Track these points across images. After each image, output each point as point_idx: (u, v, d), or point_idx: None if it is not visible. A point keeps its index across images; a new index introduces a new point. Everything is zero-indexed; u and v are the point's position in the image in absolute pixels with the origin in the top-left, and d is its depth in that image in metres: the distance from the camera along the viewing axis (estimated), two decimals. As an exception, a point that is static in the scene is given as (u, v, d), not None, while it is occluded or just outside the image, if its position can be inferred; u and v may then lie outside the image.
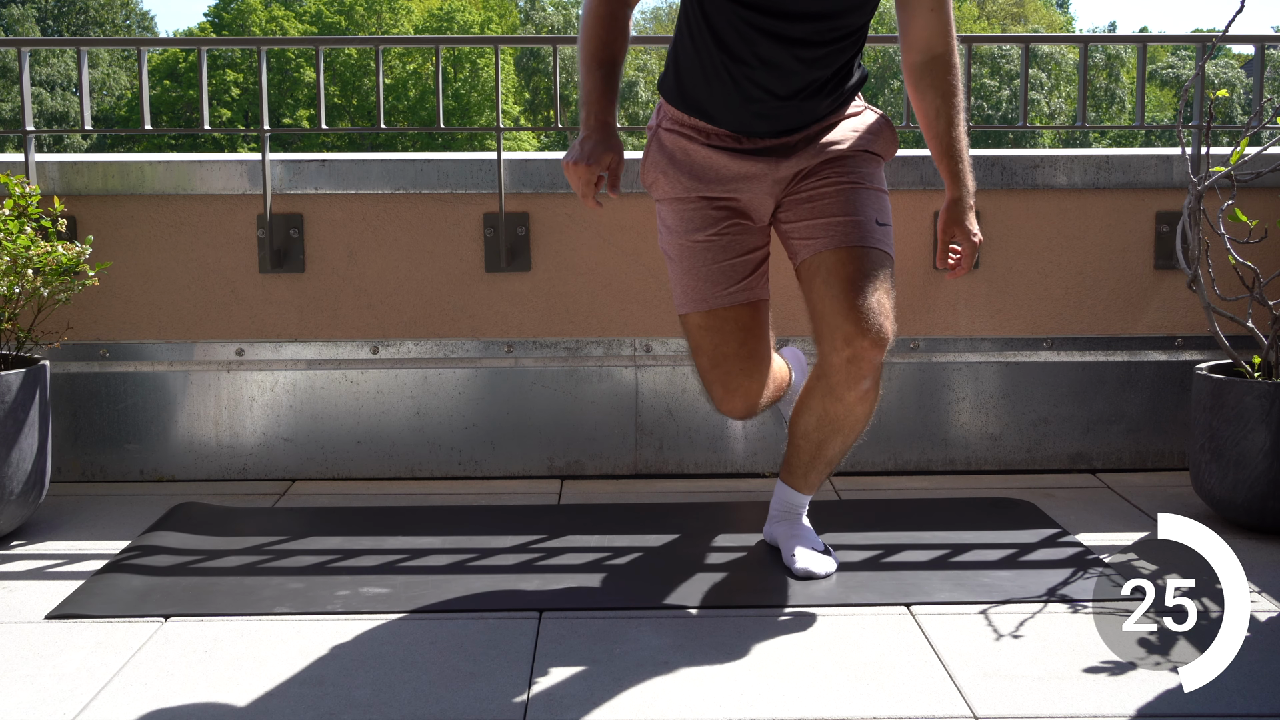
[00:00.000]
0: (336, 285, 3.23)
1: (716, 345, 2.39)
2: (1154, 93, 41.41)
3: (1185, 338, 3.29)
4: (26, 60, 3.13)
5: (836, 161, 2.37)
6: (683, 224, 2.40)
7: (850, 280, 2.25)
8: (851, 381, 2.27)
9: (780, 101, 2.31)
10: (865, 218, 2.32)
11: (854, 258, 2.27)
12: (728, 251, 2.38)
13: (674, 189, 2.40)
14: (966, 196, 2.37)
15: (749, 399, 2.43)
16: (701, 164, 2.37)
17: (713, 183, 2.37)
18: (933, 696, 1.94)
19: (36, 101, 36.53)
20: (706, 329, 2.39)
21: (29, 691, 1.97)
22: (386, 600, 2.34)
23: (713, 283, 2.38)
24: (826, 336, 2.27)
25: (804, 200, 2.36)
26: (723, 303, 2.38)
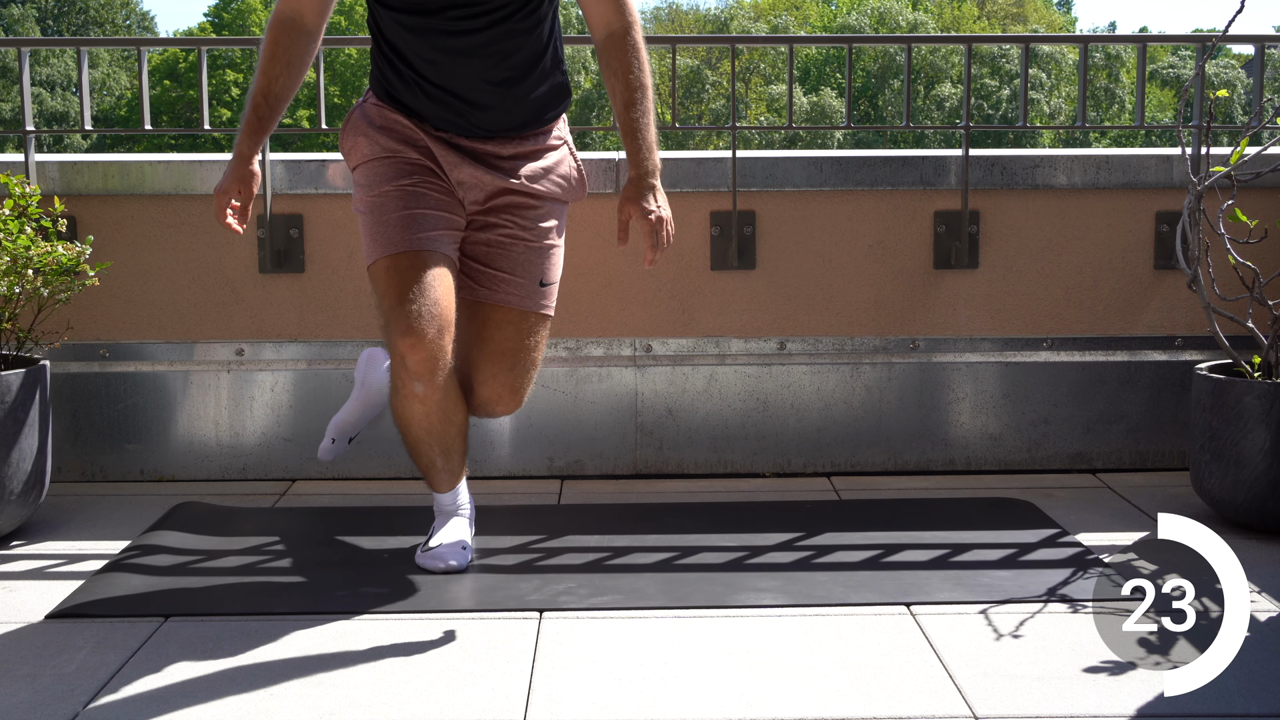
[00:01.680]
0: (336, 285, 3.23)
1: (403, 283, 2.29)
2: (1154, 93, 41.42)
3: (1185, 338, 3.29)
4: (26, 60, 3.13)
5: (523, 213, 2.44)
6: (375, 178, 2.40)
7: (503, 346, 2.43)
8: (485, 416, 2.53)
9: (462, 98, 2.35)
10: (530, 279, 2.45)
11: (510, 322, 2.44)
12: (419, 201, 2.37)
13: (372, 150, 2.41)
14: (646, 176, 2.36)
15: (433, 349, 2.27)
16: (403, 132, 2.40)
17: (408, 145, 2.39)
18: (933, 696, 1.94)
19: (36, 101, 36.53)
20: (393, 269, 2.31)
21: (29, 691, 1.97)
22: (386, 600, 2.34)
23: (400, 227, 2.33)
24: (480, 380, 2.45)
25: (484, 243, 2.44)
26: (408, 246, 2.32)
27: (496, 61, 2.34)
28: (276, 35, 2.36)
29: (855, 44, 3.42)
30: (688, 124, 15.31)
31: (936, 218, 3.25)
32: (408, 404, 2.34)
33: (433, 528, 2.59)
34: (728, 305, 3.24)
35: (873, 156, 3.26)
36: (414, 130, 2.39)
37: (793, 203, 3.24)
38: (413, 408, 2.34)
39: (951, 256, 3.25)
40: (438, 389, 2.31)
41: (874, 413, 3.29)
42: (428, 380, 2.29)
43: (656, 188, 2.37)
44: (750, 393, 3.27)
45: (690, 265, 3.24)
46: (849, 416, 3.29)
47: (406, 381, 2.30)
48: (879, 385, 3.29)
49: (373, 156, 2.40)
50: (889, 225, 3.26)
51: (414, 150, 2.39)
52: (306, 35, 2.37)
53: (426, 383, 2.30)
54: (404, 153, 2.39)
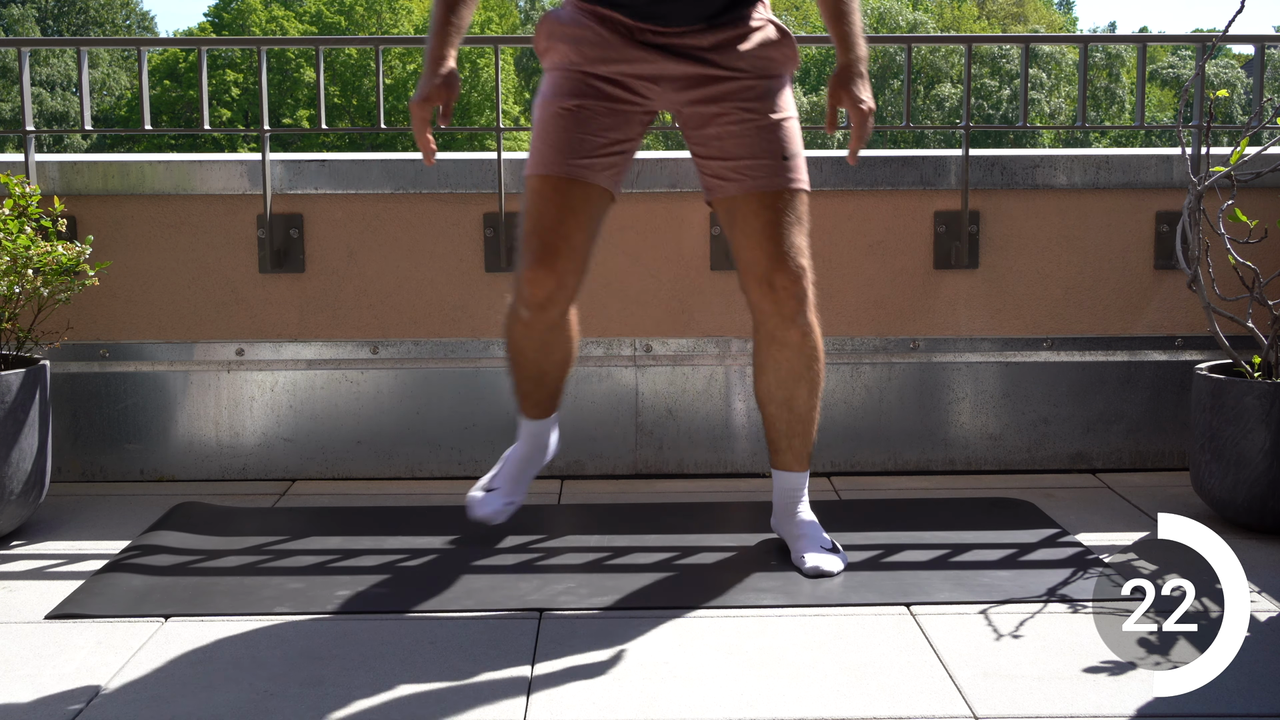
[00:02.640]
0: (336, 285, 3.23)
1: (541, 211, 2.36)
2: (1154, 93, 41.41)
3: (1185, 338, 3.29)
4: (26, 60, 3.13)
5: (743, 95, 2.39)
6: (555, 90, 2.41)
7: (764, 227, 2.36)
8: (784, 320, 2.39)
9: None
10: (773, 157, 2.38)
11: (764, 204, 2.37)
12: (585, 126, 2.38)
13: (562, 58, 2.42)
14: (856, 63, 2.37)
15: (552, 284, 2.35)
16: (593, 39, 2.39)
17: (601, 62, 2.39)
18: (933, 696, 1.94)
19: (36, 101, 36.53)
20: (538, 191, 2.37)
21: (29, 691, 1.97)
22: (386, 600, 2.34)
23: (559, 149, 2.37)
24: (749, 282, 2.40)
25: (714, 138, 2.41)
26: (561, 171, 2.36)
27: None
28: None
29: (855, 44, 3.41)
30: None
31: (936, 218, 3.25)
32: (512, 324, 2.48)
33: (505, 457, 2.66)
34: (728, 305, 3.24)
35: (873, 156, 3.26)
36: (608, 36, 2.37)
37: (793, 203, 3.24)
38: (515, 329, 2.48)
39: (951, 256, 3.25)
40: (544, 321, 2.42)
41: (874, 413, 3.29)
42: (537, 311, 2.39)
43: (865, 75, 2.38)
44: (750, 393, 3.27)
45: (690, 265, 3.24)
46: (849, 416, 3.29)
47: (518, 305, 2.41)
48: (879, 385, 3.29)
49: (558, 65, 2.42)
50: (889, 225, 3.26)
51: (602, 62, 2.38)
52: None
53: (535, 313, 2.40)
54: (588, 67, 2.38)
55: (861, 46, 2.40)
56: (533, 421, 2.66)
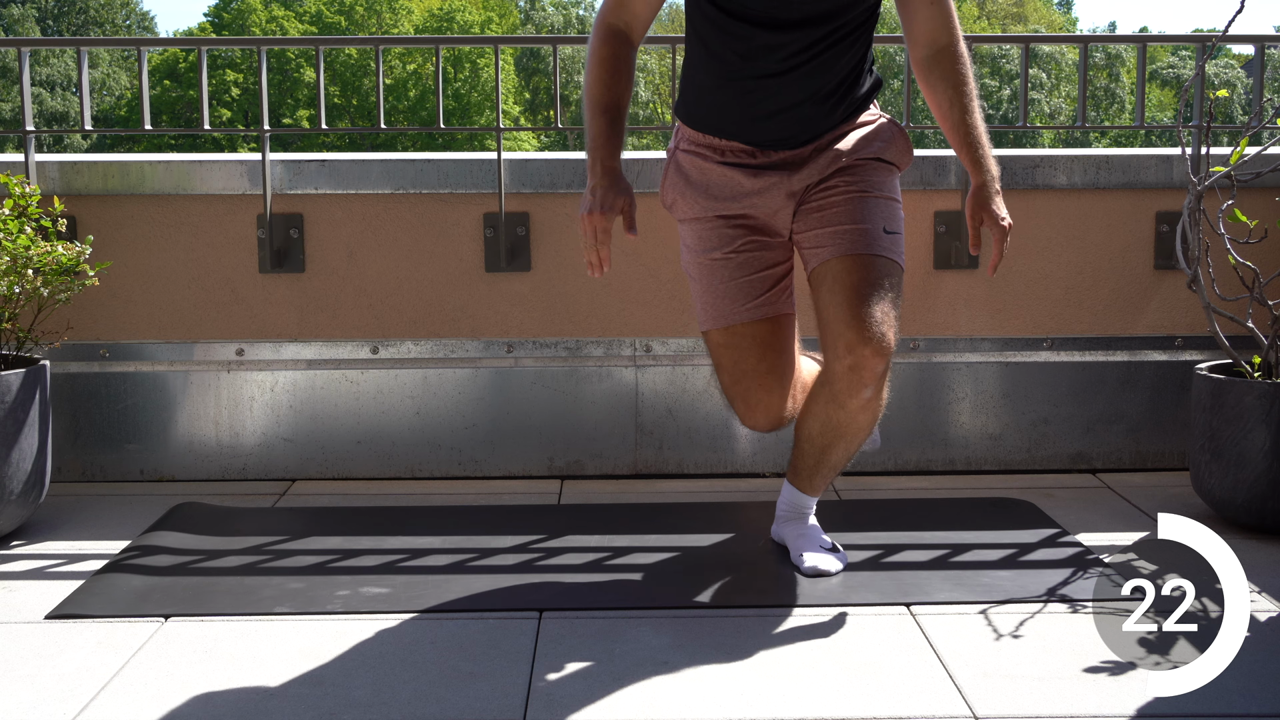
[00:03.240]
0: (336, 285, 3.23)
1: (736, 361, 2.44)
2: (1154, 93, 41.40)
3: (1185, 338, 3.29)
4: (26, 60, 3.13)
5: (847, 171, 2.38)
6: (701, 243, 2.44)
7: (854, 288, 2.25)
8: (853, 389, 2.27)
9: (787, 112, 2.33)
10: (872, 225, 2.32)
11: (859, 266, 2.27)
12: (745, 268, 2.42)
13: (691, 209, 2.43)
14: (991, 182, 2.35)
15: (770, 413, 2.48)
16: (717, 182, 2.40)
17: (728, 200, 2.40)
18: (933, 696, 1.94)
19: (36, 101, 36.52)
20: (726, 346, 2.44)
21: (29, 691, 1.97)
22: (386, 600, 2.34)
23: (730, 299, 2.42)
24: (830, 344, 2.27)
25: (814, 210, 2.37)
26: (741, 319, 2.42)
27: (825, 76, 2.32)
28: (615, 49, 2.34)
29: (855, 44, 3.41)
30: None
31: (936, 218, 3.25)
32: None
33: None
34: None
35: (873, 156, 3.26)
36: (730, 175, 2.38)
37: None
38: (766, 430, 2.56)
39: (951, 256, 3.25)
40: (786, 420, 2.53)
41: (878, 420, 3.28)
42: (771, 429, 2.53)
43: (1000, 192, 2.36)
44: (750, 393, 3.26)
45: (690, 265, 3.23)
46: (849, 416, 3.29)
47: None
48: (879, 385, 3.28)
49: (693, 216, 2.44)
50: (889, 225, 3.25)
51: (734, 202, 2.39)
52: (632, 47, 2.38)
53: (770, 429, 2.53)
54: (724, 209, 2.40)
55: (994, 166, 2.36)
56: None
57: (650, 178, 3.20)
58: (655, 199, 3.20)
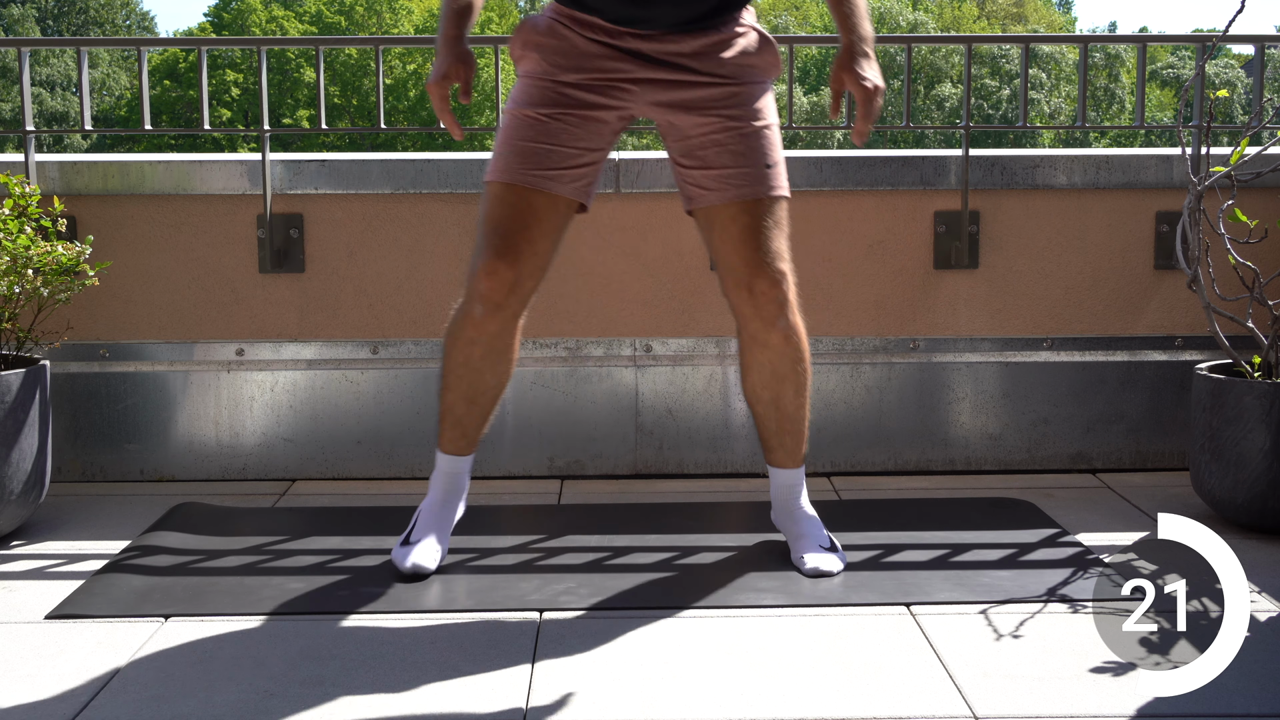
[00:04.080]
0: (336, 285, 3.23)
1: (504, 217, 2.33)
2: (1154, 93, 41.42)
3: (1185, 338, 3.29)
4: (26, 60, 3.13)
5: (725, 103, 2.37)
6: (526, 97, 2.39)
7: (743, 233, 2.37)
8: (766, 323, 2.41)
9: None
10: (755, 166, 2.38)
11: (745, 211, 2.38)
12: (552, 135, 2.35)
13: (536, 66, 2.39)
14: (859, 42, 2.33)
15: (510, 279, 2.32)
16: (568, 49, 2.36)
17: (572, 70, 2.36)
18: (933, 696, 1.94)
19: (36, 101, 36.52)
20: (499, 197, 2.34)
21: (29, 691, 1.97)
22: (387, 600, 2.34)
23: (523, 158, 2.34)
24: (731, 288, 2.41)
25: (696, 147, 2.39)
26: (524, 181, 2.33)
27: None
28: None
29: (855, 44, 3.41)
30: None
31: (936, 218, 3.25)
32: (461, 326, 2.38)
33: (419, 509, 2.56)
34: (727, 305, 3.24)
35: (873, 156, 3.26)
36: (585, 45, 2.35)
37: (793, 203, 3.23)
38: (464, 331, 2.37)
39: (951, 256, 3.25)
40: (496, 322, 2.35)
41: (874, 413, 3.29)
42: (491, 309, 2.34)
43: (871, 55, 2.34)
44: (750, 393, 3.26)
45: (691, 265, 3.24)
46: (849, 416, 3.29)
47: (470, 303, 2.35)
48: (879, 385, 3.29)
49: (534, 73, 2.39)
50: (889, 225, 3.26)
51: (575, 72, 2.35)
52: None
53: (489, 310, 2.34)
54: (561, 76, 2.36)
55: (865, 26, 2.35)
56: (450, 459, 2.54)
57: (651, 177, 3.20)
58: (655, 198, 3.21)
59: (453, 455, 2.54)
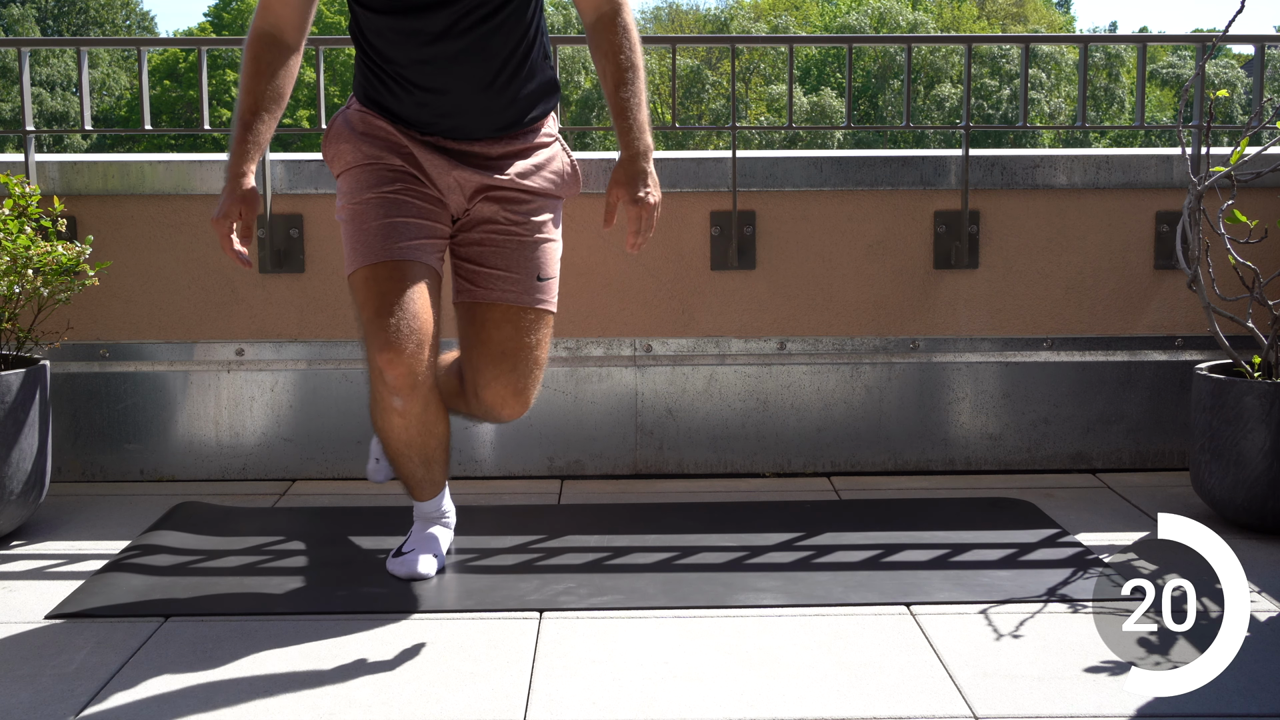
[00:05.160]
0: (336, 285, 3.23)
1: (382, 294, 2.24)
2: (1154, 93, 41.42)
3: (1185, 338, 3.29)
4: (26, 60, 3.13)
5: (516, 207, 2.37)
6: (356, 185, 2.35)
7: (502, 346, 2.35)
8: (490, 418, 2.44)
9: (448, 101, 2.30)
10: (527, 274, 2.38)
11: (509, 319, 2.36)
12: (399, 209, 2.32)
13: (355, 156, 2.36)
14: (636, 158, 2.31)
15: (411, 364, 2.23)
16: (387, 138, 2.35)
17: (392, 153, 2.34)
18: (933, 696, 1.94)
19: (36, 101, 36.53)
20: (371, 279, 2.26)
21: (29, 691, 1.97)
22: (386, 600, 2.34)
23: (379, 236, 2.29)
24: (475, 384, 2.38)
25: (475, 242, 2.38)
26: (387, 256, 2.27)
27: (483, 62, 2.28)
28: (258, 51, 2.28)
29: (855, 44, 3.42)
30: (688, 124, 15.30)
31: (936, 218, 3.25)
32: (387, 418, 2.31)
33: (410, 532, 2.56)
34: (728, 305, 3.24)
35: (873, 156, 3.26)
36: (397, 135, 2.34)
37: (793, 203, 3.24)
38: (392, 421, 2.31)
39: (951, 256, 3.25)
40: (417, 402, 2.28)
41: (874, 413, 3.29)
42: (407, 394, 2.25)
43: (647, 171, 2.31)
44: (750, 393, 3.27)
45: (690, 265, 3.24)
46: (849, 416, 3.29)
47: (385, 396, 2.27)
48: (879, 385, 3.29)
49: (355, 164, 2.35)
50: (889, 225, 3.26)
51: (397, 156, 2.33)
52: (288, 49, 2.31)
53: (406, 397, 2.25)
54: (386, 159, 2.33)
55: (645, 142, 2.30)
56: (426, 503, 2.55)
57: (650, 178, 3.20)
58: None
59: (427, 501, 2.55)
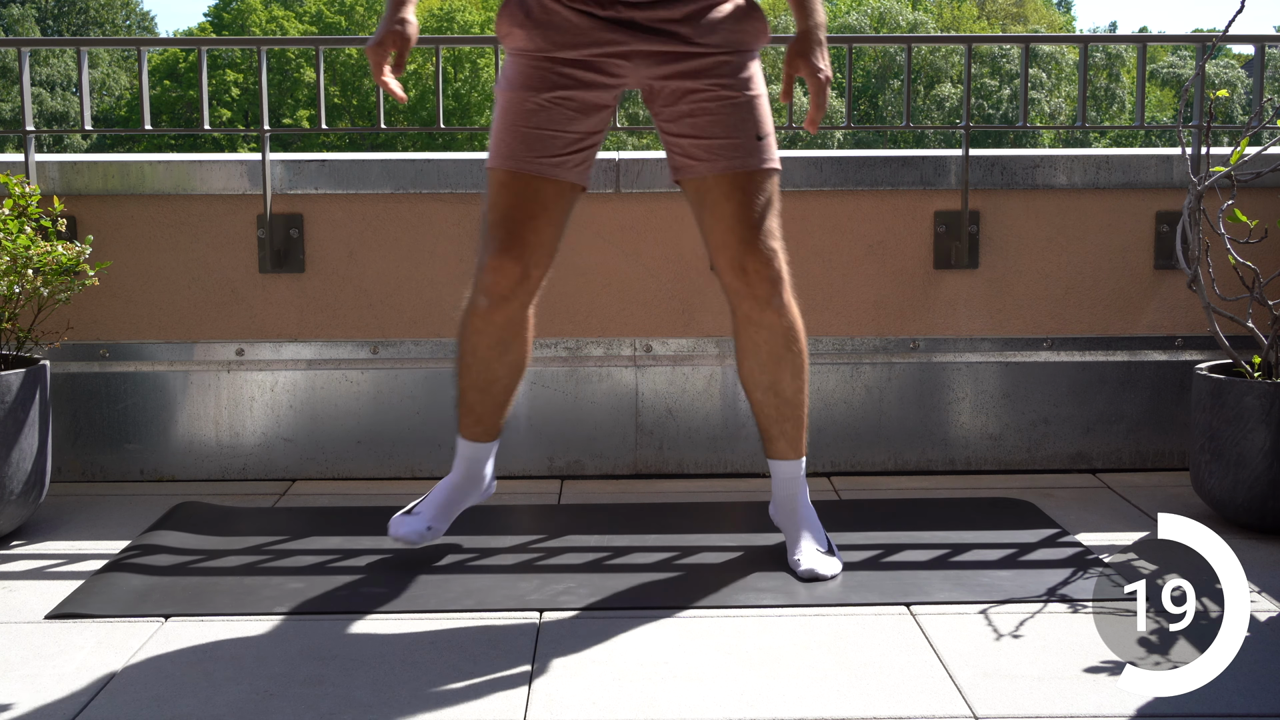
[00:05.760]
0: (336, 285, 3.23)
1: (511, 206, 2.33)
2: (1154, 93, 41.41)
3: (1185, 338, 3.29)
4: (26, 60, 3.13)
5: (716, 72, 2.34)
6: (521, 78, 2.36)
7: (735, 211, 2.32)
8: (758, 302, 2.36)
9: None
10: (745, 136, 2.34)
11: (736, 185, 2.33)
12: (555, 121, 2.34)
13: (526, 41, 2.36)
14: (814, 30, 2.32)
15: (517, 273, 2.33)
16: (560, 23, 2.34)
17: (566, 46, 2.33)
18: (933, 696, 1.94)
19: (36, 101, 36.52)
20: (506, 186, 2.34)
21: (29, 691, 1.97)
22: (386, 600, 2.34)
23: (528, 145, 2.33)
24: (721, 264, 2.36)
25: (686, 114, 2.36)
26: (531, 169, 2.33)
27: None
28: None
29: (855, 44, 3.42)
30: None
31: (936, 218, 3.25)
32: (469, 319, 2.40)
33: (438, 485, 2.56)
34: (727, 305, 3.24)
35: (873, 156, 3.26)
36: (574, 19, 2.32)
37: (792, 203, 3.24)
38: (472, 323, 2.40)
39: (951, 256, 3.25)
40: (502, 313, 2.37)
41: (874, 413, 3.29)
42: (497, 302, 2.35)
43: (824, 43, 2.32)
44: (750, 393, 3.26)
45: (691, 265, 3.24)
46: (849, 416, 3.29)
47: (477, 295, 2.36)
48: (879, 385, 3.29)
49: (524, 49, 2.36)
50: (889, 225, 3.26)
51: (570, 48, 2.32)
52: None
53: (494, 303, 2.35)
54: (556, 54, 2.33)
55: (820, 12, 2.34)
56: (470, 444, 2.56)
57: (651, 177, 3.21)
58: (656, 198, 3.21)
59: (471, 441, 2.56)
